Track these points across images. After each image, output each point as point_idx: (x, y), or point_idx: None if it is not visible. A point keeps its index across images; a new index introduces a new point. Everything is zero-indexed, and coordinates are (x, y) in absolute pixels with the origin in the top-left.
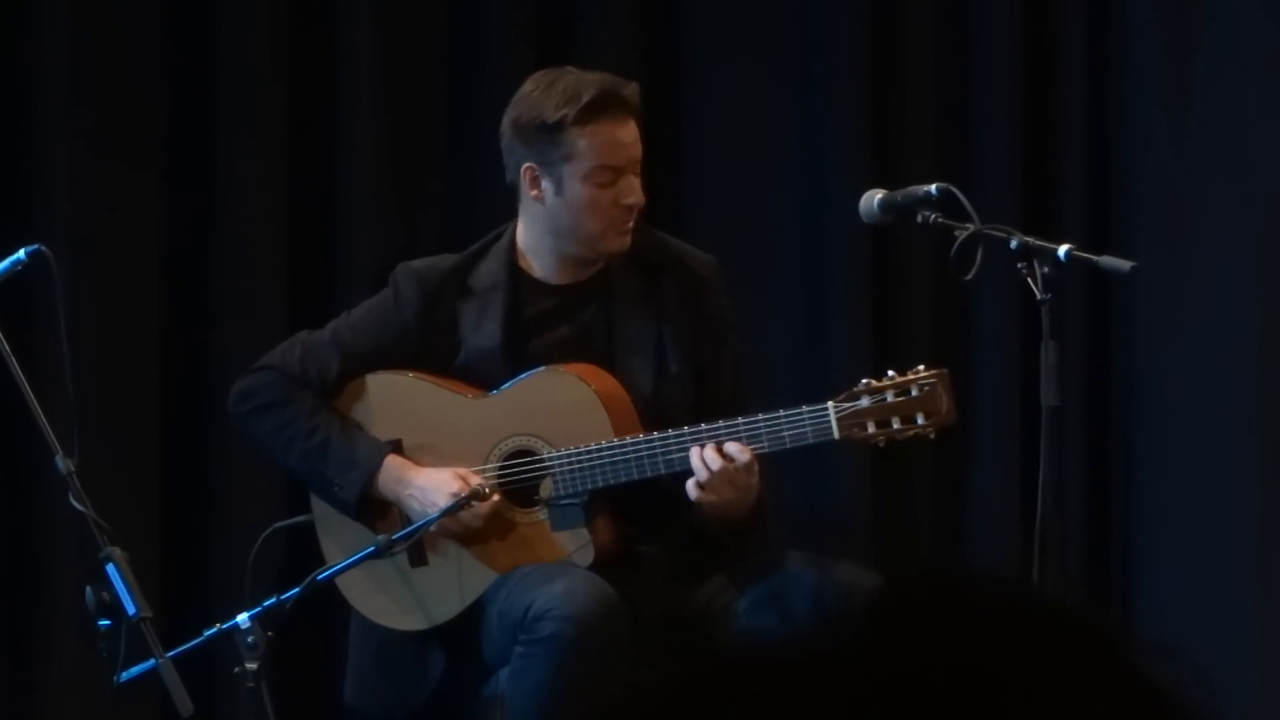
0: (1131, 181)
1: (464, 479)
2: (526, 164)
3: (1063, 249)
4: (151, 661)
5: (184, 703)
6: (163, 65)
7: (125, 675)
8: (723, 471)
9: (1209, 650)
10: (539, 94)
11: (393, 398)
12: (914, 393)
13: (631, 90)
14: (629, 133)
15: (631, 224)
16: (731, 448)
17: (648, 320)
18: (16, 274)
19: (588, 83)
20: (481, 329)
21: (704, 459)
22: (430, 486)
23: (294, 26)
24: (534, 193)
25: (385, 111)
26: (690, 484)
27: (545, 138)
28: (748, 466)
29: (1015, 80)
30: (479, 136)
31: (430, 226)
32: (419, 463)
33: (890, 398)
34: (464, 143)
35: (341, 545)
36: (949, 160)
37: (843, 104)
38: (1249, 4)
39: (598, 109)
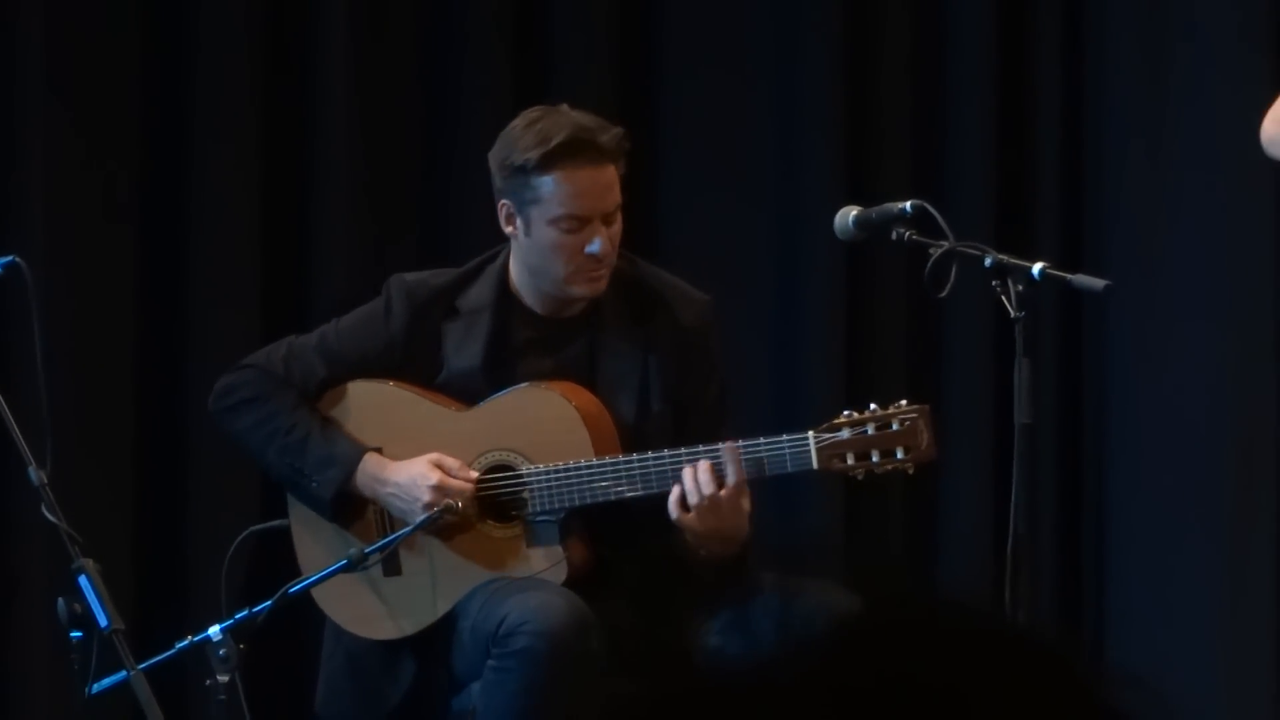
0: (1105, 199)
1: (440, 465)
2: (502, 200)
3: (1037, 267)
4: (123, 673)
5: (155, 715)
6: (138, 76)
7: (97, 687)
8: (712, 497)
9: (1181, 664)
10: (518, 132)
11: (374, 406)
12: (895, 426)
13: (611, 136)
14: (600, 180)
15: (602, 271)
16: (726, 468)
17: (634, 357)
18: None
19: (562, 126)
20: (464, 350)
21: (697, 480)
22: (409, 482)
23: (270, 35)
24: (509, 228)
25: (361, 120)
26: (673, 501)
27: (516, 178)
28: (738, 486)
29: (990, 97)
30: (454, 147)
31: (404, 235)
32: None
33: (871, 430)
34: (440, 153)
35: (318, 547)
36: (924, 177)
37: (818, 120)
38: (1223, 21)
39: (565, 155)
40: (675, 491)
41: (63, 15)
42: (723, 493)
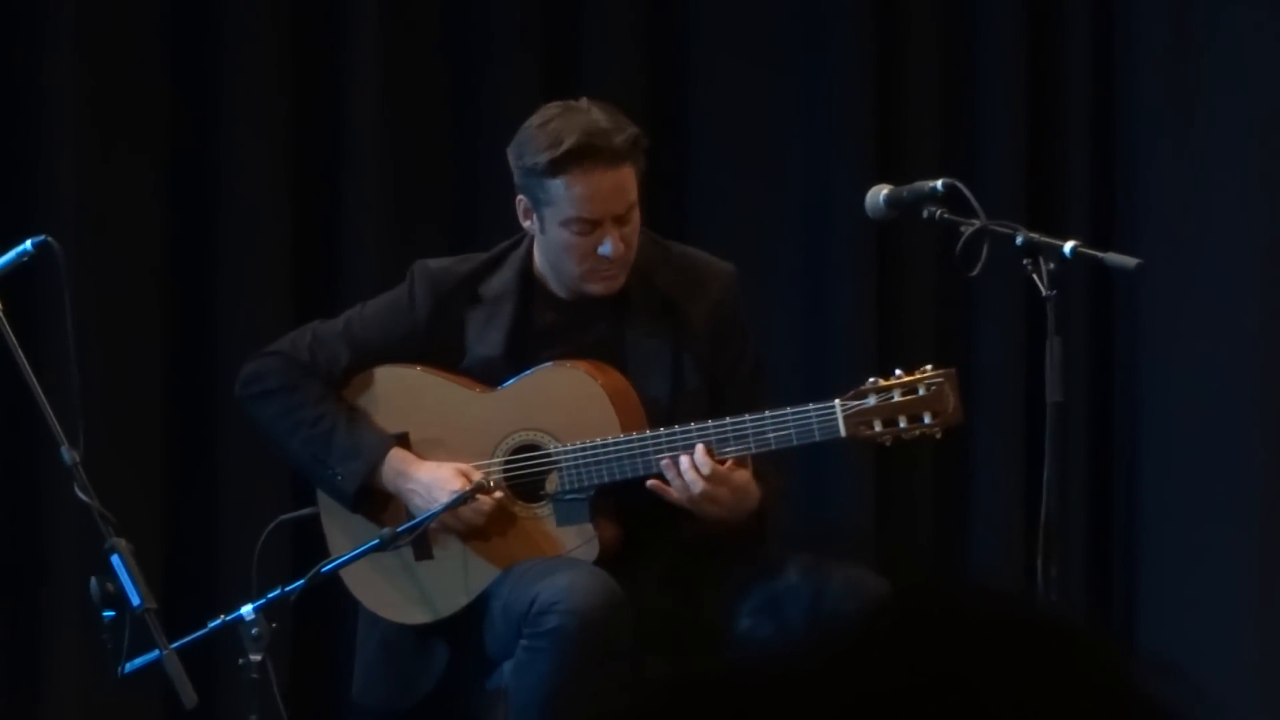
0: (1137, 177)
1: (466, 475)
2: (519, 195)
3: (1068, 245)
4: (155, 653)
5: (188, 694)
6: (169, 56)
7: (129, 666)
8: (704, 490)
9: (1211, 647)
10: (533, 131)
11: (400, 390)
12: (921, 391)
13: (624, 137)
14: (611, 182)
15: (615, 271)
16: (699, 458)
17: (664, 337)
18: (22, 265)
19: (573, 128)
20: (486, 338)
21: (687, 474)
22: (432, 482)
23: (300, 18)
24: (527, 223)
25: (389, 106)
26: (652, 485)
27: (530, 178)
28: (713, 477)
29: (1020, 75)
30: (481, 135)
31: (433, 223)
32: (425, 456)
33: (897, 396)
34: (467, 139)
35: (347, 537)
36: (954, 156)
37: (848, 99)
38: (1255, 1)
39: (574, 159)
40: (657, 484)
41: (93, 3)
42: (705, 485)
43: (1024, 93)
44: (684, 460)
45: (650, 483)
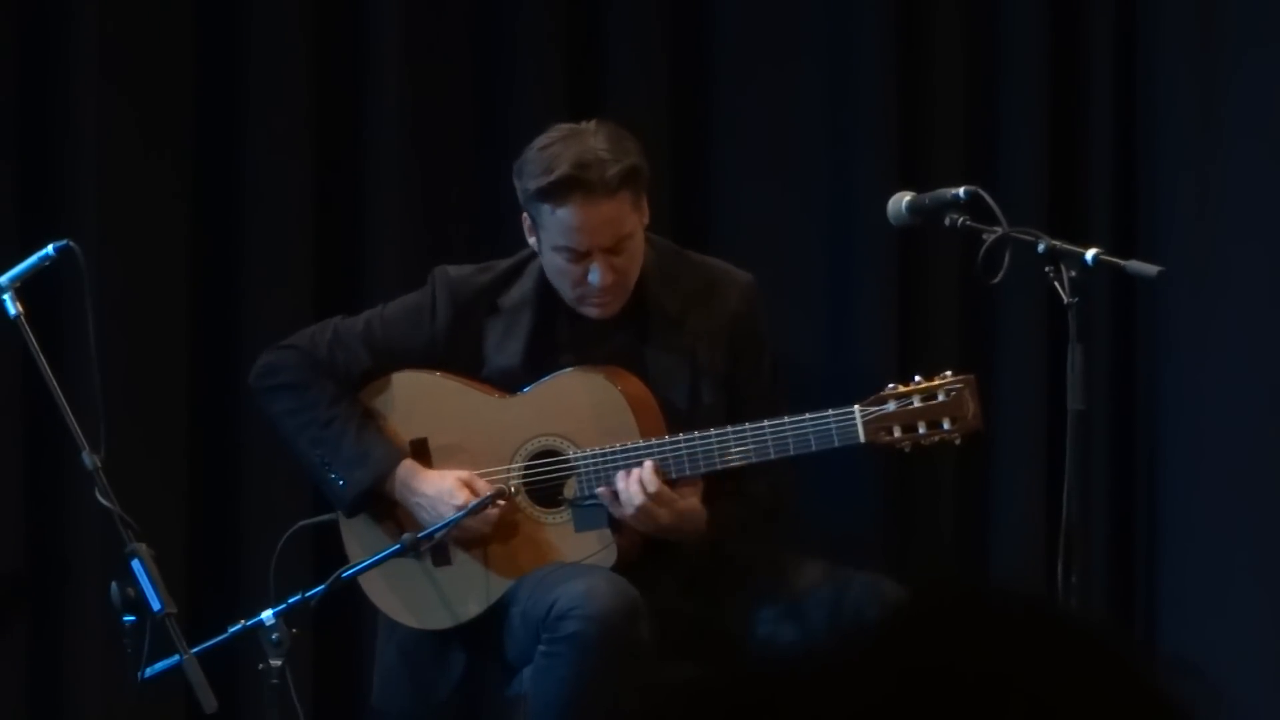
0: (1159, 185)
1: (470, 485)
2: (524, 212)
3: (1090, 253)
4: (176, 658)
5: (208, 699)
6: (192, 61)
7: (149, 671)
8: (643, 505)
9: (1232, 652)
10: (533, 153)
11: (420, 395)
12: (940, 398)
13: (619, 170)
14: (599, 215)
15: (606, 298)
16: (646, 475)
17: (682, 349)
18: (45, 269)
19: (567, 158)
20: (505, 348)
21: (629, 488)
22: (437, 496)
23: (323, 26)
24: (531, 239)
25: (413, 107)
26: (608, 499)
27: (527, 199)
28: (656, 497)
29: (1043, 83)
30: (506, 136)
31: (456, 225)
32: (444, 461)
33: (917, 402)
34: (492, 141)
35: (365, 543)
36: (977, 163)
37: (871, 106)
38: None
39: (561, 191)
40: (607, 492)
41: (117, 2)
42: (645, 502)
43: (1047, 100)
44: (633, 474)
45: (600, 490)
